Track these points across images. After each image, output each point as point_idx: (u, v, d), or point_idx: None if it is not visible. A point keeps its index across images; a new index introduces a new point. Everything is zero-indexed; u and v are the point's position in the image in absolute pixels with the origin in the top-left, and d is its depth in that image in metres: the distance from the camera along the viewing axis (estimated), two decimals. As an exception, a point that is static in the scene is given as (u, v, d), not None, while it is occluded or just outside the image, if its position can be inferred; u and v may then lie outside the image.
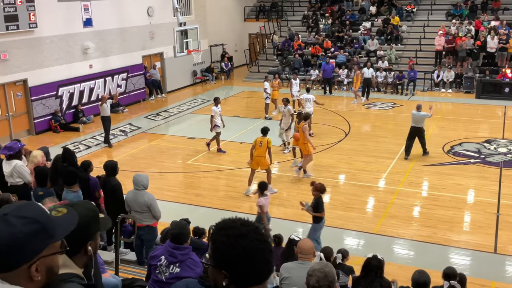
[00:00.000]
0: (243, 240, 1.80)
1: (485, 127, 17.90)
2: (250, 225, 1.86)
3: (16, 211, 1.76)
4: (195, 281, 3.94)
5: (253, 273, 1.83)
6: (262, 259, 1.83)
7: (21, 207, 1.80)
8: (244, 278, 1.83)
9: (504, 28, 23.58)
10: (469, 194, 12.15)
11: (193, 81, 26.37)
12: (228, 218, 1.90)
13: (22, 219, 1.74)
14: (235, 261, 1.80)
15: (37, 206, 1.88)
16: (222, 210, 11.33)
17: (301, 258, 4.99)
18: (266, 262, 1.85)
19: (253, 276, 1.83)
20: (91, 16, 19.69)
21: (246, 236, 1.80)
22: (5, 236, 1.68)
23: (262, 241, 1.83)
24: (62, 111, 18.73)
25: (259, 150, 11.92)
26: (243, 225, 1.85)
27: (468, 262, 9.30)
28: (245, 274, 1.82)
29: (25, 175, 8.49)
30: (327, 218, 11.02)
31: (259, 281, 1.85)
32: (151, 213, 8.00)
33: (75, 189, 8.43)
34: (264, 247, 1.83)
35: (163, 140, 17.22)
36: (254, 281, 1.84)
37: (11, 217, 1.72)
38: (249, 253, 1.79)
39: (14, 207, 1.80)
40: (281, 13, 30.48)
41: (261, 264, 1.83)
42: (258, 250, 1.81)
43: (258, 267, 1.83)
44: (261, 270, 1.85)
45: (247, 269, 1.81)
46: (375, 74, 23.46)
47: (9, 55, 16.66)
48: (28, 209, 1.80)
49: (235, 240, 1.80)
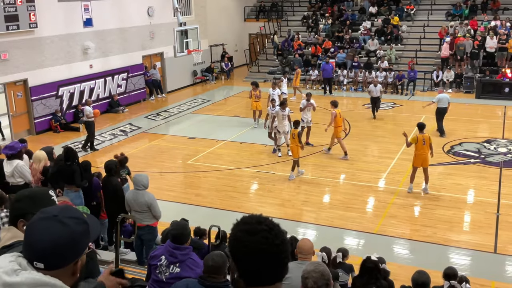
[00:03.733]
0: (251, 237, 1.77)
1: (485, 127, 17.90)
2: (266, 224, 1.81)
3: (63, 212, 1.88)
4: (195, 281, 3.96)
5: (261, 272, 1.79)
6: (270, 259, 1.78)
7: (65, 209, 1.92)
8: (250, 275, 1.80)
9: (504, 28, 23.59)
10: (469, 194, 12.15)
11: (193, 81, 26.38)
12: (253, 214, 1.88)
13: (74, 219, 1.87)
14: (241, 256, 1.79)
15: (76, 208, 2.02)
16: (222, 210, 11.33)
17: (300, 258, 4.99)
18: (275, 263, 1.79)
19: (262, 275, 1.79)
20: (91, 16, 19.70)
21: (256, 234, 1.77)
22: (66, 235, 1.82)
23: (271, 242, 1.77)
24: (62, 111, 18.74)
25: (423, 148, 11.61)
26: (259, 222, 1.81)
27: (468, 262, 9.31)
28: (252, 271, 1.79)
29: (27, 175, 8.51)
30: (327, 218, 11.06)
31: (268, 281, 1.81)
32: (151, 213, 8.01)
33: (76, 188, 8.44)
34: (272, 248, 1.77)
35: (163, 140, 17.22)
36: (263, 280, 1.80)
37: (63, 218, 1.85)
38: (255, 251, 1.76)
39: (59, 209, 1.93)
40: (281, 13, 30.49)
41: (269, 265, 1.79)
42: (265, 250, 1.76)
43: (265, 267, 1.78)
44: (269, 270, 1.79)
45: (254, 267, 1.78)
46: (375, 74, 23.49)
47: (9, 55, 16.67)
48: (72, 211, 1.94)
49: (244, 235, 1.79)
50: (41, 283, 1.76)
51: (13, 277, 1.75)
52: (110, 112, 20.64)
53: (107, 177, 8.68)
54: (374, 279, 5.65)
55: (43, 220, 1.85)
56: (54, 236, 1.80)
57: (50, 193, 2.57)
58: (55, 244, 1.80)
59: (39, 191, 2.65)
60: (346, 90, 23.91)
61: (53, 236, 1.80)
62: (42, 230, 1.82)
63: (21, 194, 2.59)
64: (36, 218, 1.88)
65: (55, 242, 1.80)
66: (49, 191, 2.59)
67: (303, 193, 12.36)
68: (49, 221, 1.84)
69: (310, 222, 10.92)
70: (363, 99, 22.01)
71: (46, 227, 1.82)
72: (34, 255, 1.82)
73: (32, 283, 1.75)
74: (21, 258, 1.84)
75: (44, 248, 1.80)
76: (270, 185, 12.96)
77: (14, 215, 2.51)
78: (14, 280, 1.74)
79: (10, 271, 1.76)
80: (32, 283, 1.75)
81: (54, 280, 1.79)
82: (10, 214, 2.58)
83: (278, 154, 14.78)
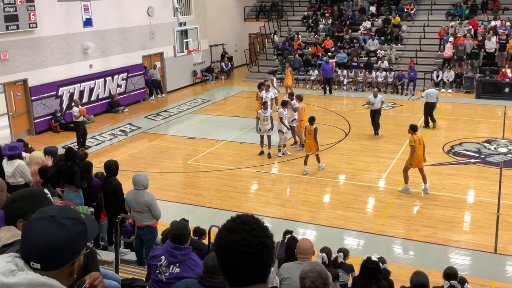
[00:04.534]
0: (232, 235, 1.78)
1: (485, 127, 17.90)
2: (250, 224, 1.80)
3: (61, 212, 1.88)
4: (195, 281, 3.95)
5: (241, 271, 1.79)
6: (249, 259, 1.77)
7: (63, 209, 1.92)
8: (231, 274, 1.80)
9: (504, 28, 23.59)
10: (469, 194, 12.15)
11: (193, 81, 26.38)
12: (246, 214, 1.88)
13: (71, 219, 1.87)
14: (222, 254, 1.80)
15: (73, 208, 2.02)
16: (222, 210, 11.33)
17: (300, 258, 4.99)
18: (253, 264, 1.79)
19: (242, 275, 1.79)
20: (91, 16, 19.69)
21: (236, 233, 1.78)
22: (63, 235, 1.82)
23: (249, 243, 1.76)
24: (62, 111, 18.73)
25: (419, 148, 11.85)
26: (243, 222, 1.81)
27: (468, 262, 9.30)
28: (232, 270, 1.79)
29: (27, 174, 8.49)
30: (327, 218, 11.05)
31: (249, 282, 1.80)
32: (151, 213, 8.01)
33: (76, 188, 8.43)
34: (250, 249, 1.76)
35: (163, 140, 17.22)
36: (244, 280, 1.80)
37: (60, 218, 1.85)
38: (233, 249, 1.76)
39: (56, 209, 1.92)
40: (281, 13, 30.49)
41: (248, 265, 1.78)
42: (242, 250, 1.76)
43: (244, 267, 1.78)
44: (249, 270, 1.79)
45: (234, 266, 1.78)
46: (375, 74, 23.49)
47: (9, 55, 16.66)
48: (70, 211, 1.94)
49: (226, 233, 1.80)
50: (38, 284, 1.76)
51: (10, 278, 1.74)
52: (110, 112, 20.64)
53: (107, 177, 8.67)
54: (375, 280, 5.64)
55: (40, 220, 1.85)
56: (51, 236, 1.80)
57: (45, 191, 2.57)
58: (52, 244, 1.79)
59: (34, 190, 2.65)
60: (346, 90, 23.90)
61: (50, 236, 1.80)
62: (39, 230, 1.81)
63: (17, 194, 2.58)
64: (33, 218, 1.87)
65: (52, 242, 1.79)
66: (44, 190, 2.59)
67: (303, 193, 12.36)
68: (46, 221, 1.83)
69: (310, 222, 10.92)
70: (363, 99, 22.00)
71: (43, 227, 1.82)
72: (31, 255, 1.81)
73: (29, 284, 1.74)
74: (18, 258, 1.83)
75: (41, 248, 1.79)
76: (270, 185, 12.97)
77: (12, 215, 2.50)
78: (11, 281, 1.74)
79: (7, 272, 1.76)
80: (29, 283, 1.74)
81: (51, 280, 1.79)
82: (6, 214, 2.56)
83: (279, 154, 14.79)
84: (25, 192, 2.58)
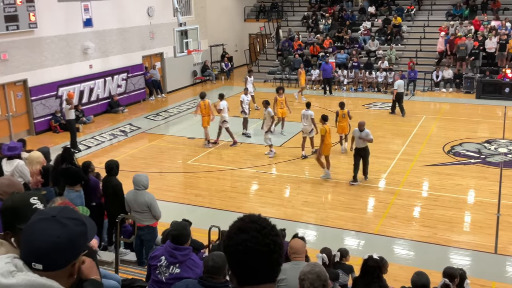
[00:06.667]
0: (242, 234, 1.78)
1: (485, 127, 17.89)
2: (259, 223, 1.81)
3: (62, 213, 1.88)
4: (195, 282, 3.94)
5: (251, 270, 1.79)
6: (259, 258, 1.78)
7: (64, 210, 1.91)
8: (240, 273, 1.81)
9: (504, 28, 23.58)
10: (469, 194, 12.14)
11: (193, 81, 26.37)
12: (253, 213, 1.89)
13: (72, 220, 1.87)
14: (232, 252, 1.80)
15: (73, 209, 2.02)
16: (222, 210, 11.32)
17: (294, 258, 4.96)
18: (263, 263, 1.79)
19: (251, 274, 1.80)
20: (91, 16, 19.68)
21: (246, 232, 1.78)
22: (65, 235, 1.81)
23: (260, 241, 1.77)
24: (62, 111, 18.71)
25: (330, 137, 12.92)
26: (252, 221, 1.82)
27: (468, 263, 9.29)
28: (242, 269, 1.80)
29: (27, 174, 8.47)
30: (327, 218, 11.04)
31: (258, 280, 1.81)
32: (151, 213, 8.00)
33: (77, 188, 8.43)
34: (261, 247, 1.77)
35: (163, 140, 17.21)
36: (253, 279, 1.80)
37: (61, 219, 1.84)
38: (244, 248, 1.77)
39: (58, 209, 1.91)
40: (281, 13, 30.48)
41: (258, 263, 1.78)
42: (253, 248, 1.76)
43: (254, 265, 1.78)
44: (259, 269, 1.79)
45: (243, 264, 1.79)
46: (376, 75, 23.48)
47: (9, 55, 16.66)
48: (71, 212, 1.93)
49: (234, 232, 1.81)
50: (37, 285, 1.75)
51: (9, 279, 1.73)
52: (110, 112, 20.63)
53: (107, 177, 8.66)
54: (376, 278, 5.63)
55: (41, 221, 1.84)
56: (53, 236, 1.79)
57: (31, 201, 2.50)
58: (54, 245, 1.79)
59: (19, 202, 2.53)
60: (346, 90, 23.89)
61: (52, 237, 1.79)
62: (41, 231, 1.80)
63: (4, 205, 2.51)
64: (35, 219, 1.86)
65: (54, 243, 1.79)
66: (31, 199, 2.52)
67: (303, 193, 12.36)
68: (47, 222, 1.83)
69: (310, 222, 10.92)
70: (363, 99, 22.03)
71: (45, 227, 1.81)
72: (33, 256, 1.80)
73: (28, 285, 1.74)
74: (17, 259, 1.82)
75: (43, 249, 1.78)
76: (270, 185, 12.96)
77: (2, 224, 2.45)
78: (10, 282, 1.73)
79: (6, 273, 1.75)
80: (28, 284, 1.74)
81: (50, 281, 1.78)
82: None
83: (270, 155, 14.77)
84: (12, 203, 2.51)
